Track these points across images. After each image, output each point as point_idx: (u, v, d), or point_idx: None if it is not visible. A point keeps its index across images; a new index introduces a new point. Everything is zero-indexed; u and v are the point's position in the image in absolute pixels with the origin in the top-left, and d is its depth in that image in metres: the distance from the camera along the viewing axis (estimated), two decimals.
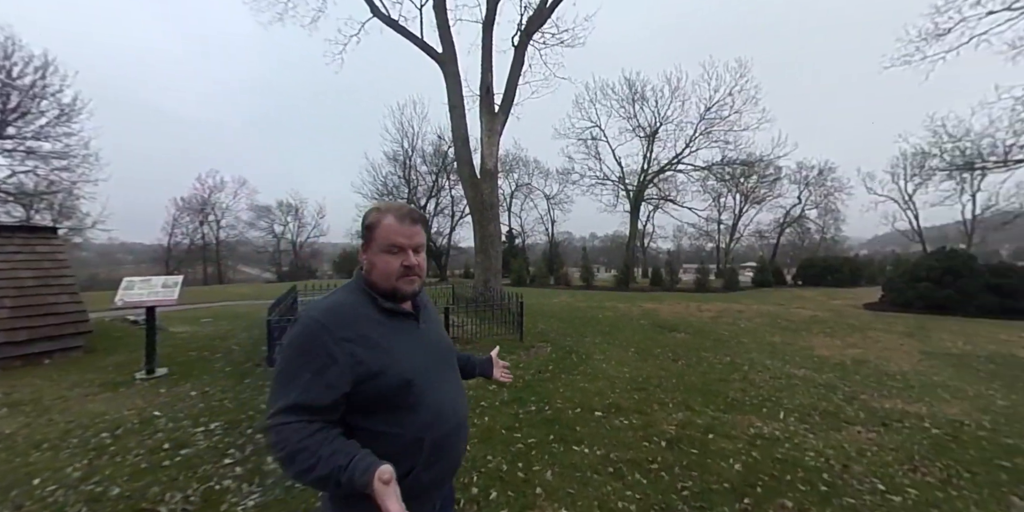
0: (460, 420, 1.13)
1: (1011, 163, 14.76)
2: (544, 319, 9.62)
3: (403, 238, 1.04)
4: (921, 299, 11.82)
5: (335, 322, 0.99)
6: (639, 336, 7.80)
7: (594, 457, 2.97)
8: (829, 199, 33.54)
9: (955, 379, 5.32)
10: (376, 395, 0.99)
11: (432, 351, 1.14)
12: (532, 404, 4.01)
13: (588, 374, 5.14)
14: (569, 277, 25.56)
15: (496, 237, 10.49)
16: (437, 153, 31.89)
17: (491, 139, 10.38)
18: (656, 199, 30.45)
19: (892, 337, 8.05)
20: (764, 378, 5.15)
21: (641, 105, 27.30)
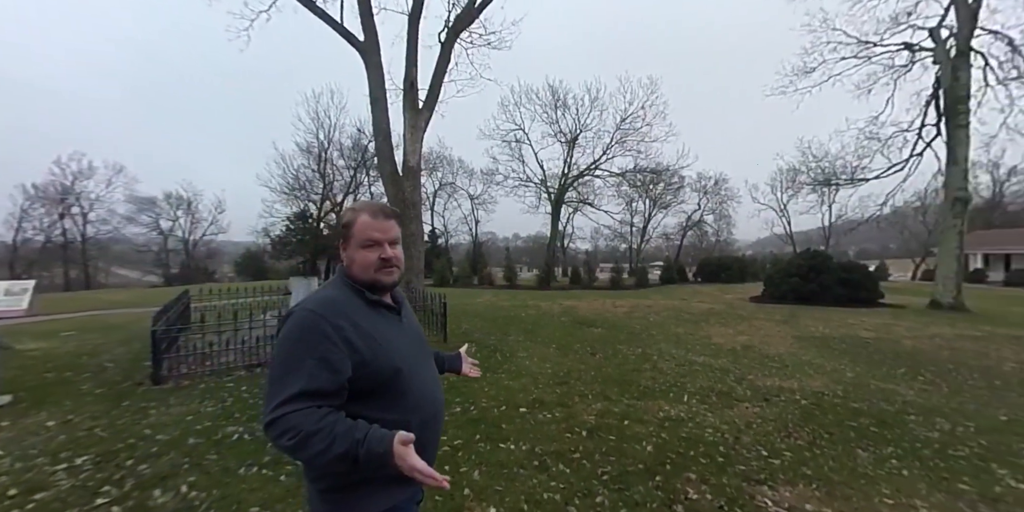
0: (439, 405, 1.22)
1: (856, 181, 18.19)
2: (468, 319, 9.58)
3: (378, 233, 1.11)
4: (792, 292, 13.82)
5: (329, 312, 1.03)
6: (560, 332, 8.10)
7: (520, 453, 3.02)
8: (723, 206, 37.91)
9: (818, 358, 6.29)
10: (370, 382, 1.03)
11: (413, 342, 1.22)
12: (457, 405, 3.97)
13: (512, 372, 5.22)
14: (493, 277, 25.78)
15: (418, 236, 10.23)
16: (356, 147, 30.23)
17: (414, 135, 10.10)
18: (576, 202, 31.92)
19: (771, 325, 9.30)
20: (671, 366, 5.64)
21: (563, 112, 28.50)
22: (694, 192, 37.36)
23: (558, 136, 29.07)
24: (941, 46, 13.66)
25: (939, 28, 13.90)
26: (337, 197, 30.66)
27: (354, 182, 30.79)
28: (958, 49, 13.00)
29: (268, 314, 6.75)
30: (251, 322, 5.36)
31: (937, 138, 14.09)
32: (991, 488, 2.69)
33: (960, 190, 12.89)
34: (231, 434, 3.31)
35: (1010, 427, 3.71)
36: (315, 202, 29.45)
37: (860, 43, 15.36)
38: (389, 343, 1.09)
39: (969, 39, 12.92)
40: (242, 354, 5.23)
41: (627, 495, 2.51)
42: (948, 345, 7.26)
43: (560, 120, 28.66)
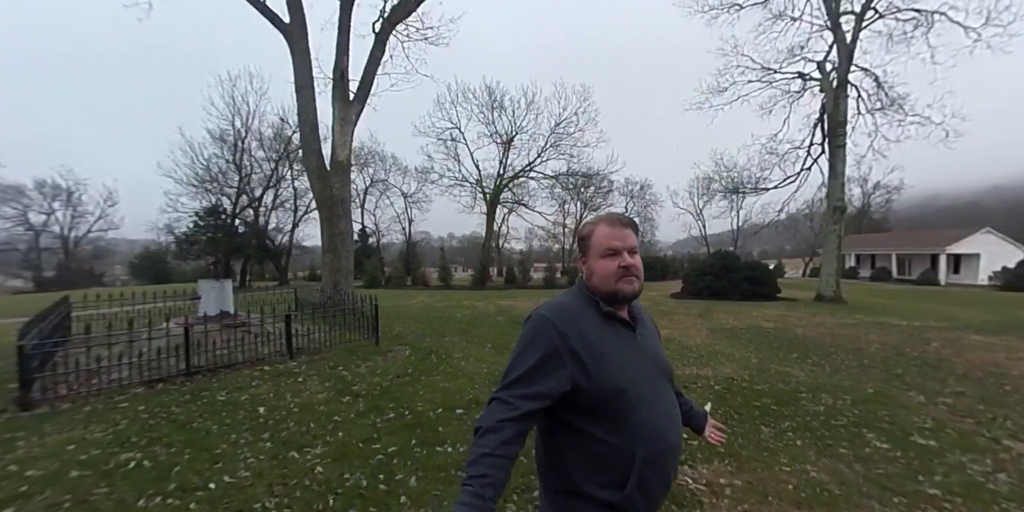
0: (673, 442, 1.08)
1: (759, 190, 20.50)
2: (402, 321, 9.30)
3: (617, 241, 1.08)
4: (707, 289, 15.15)
5: (560, 319, 1.04)
6: (496, 332, 8.15)
7: (458, 455, 2.99)
8: (647, 210, 40.71)
9: (729, 347, 6.94)
10: (590, 398, 1.00)
11: (647, 364, 1.11)
12: (391, 411, 3.83)
13: (448, 373, 5.15)
14: (427, 277, 25.27)
15: (347, 235, 9.73)
16: (279, 138, 27.90)
17: (344, 128, 9.60)
18: (511, 203, 32.31)
19: (689, 319, 10.11)
20: None
21: (499, 113, 28.67)
22: (622, 196, 39.68)
23: (494, 137, 29.25)
24: (826, 77, 15.82)
25: (825, 62, 16.10)
26: (255, 191, 28.07)
27: (275, 175, 28.40)
28: (838, 81, 15.15)
29: (172, 322, 6.03)
30: (151, 331, 4.74)
31: (822, 155, 16.24)
32: (863, 450, 3.15)
33: (839, 200, 15.07)
34: (127, 462, 2.88)
35: (876, 398, 4.38)
36: (229, 196, 26.62)
37: (763, 69, 17.33)
38: (615, 360, 1.03)
39: (847, 73, 15.09)
40: (139, 369, 4.60)
41: None
42: (830, 332, 8.39)
43: (496, 121, 28.85)
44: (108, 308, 8.28)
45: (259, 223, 28.26)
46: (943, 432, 3.52)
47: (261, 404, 3.96)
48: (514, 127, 28.69)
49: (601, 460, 1.00)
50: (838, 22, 15.18)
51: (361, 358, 5.76)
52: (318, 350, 6.08)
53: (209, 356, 5.06)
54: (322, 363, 5.48)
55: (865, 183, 41.33)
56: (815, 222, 37.95)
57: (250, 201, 27.72)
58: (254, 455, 2.95)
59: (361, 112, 10.09)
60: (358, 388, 4.47)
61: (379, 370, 5.23)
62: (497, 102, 28.35)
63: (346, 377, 4.89)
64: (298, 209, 30.79)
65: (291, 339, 5.78)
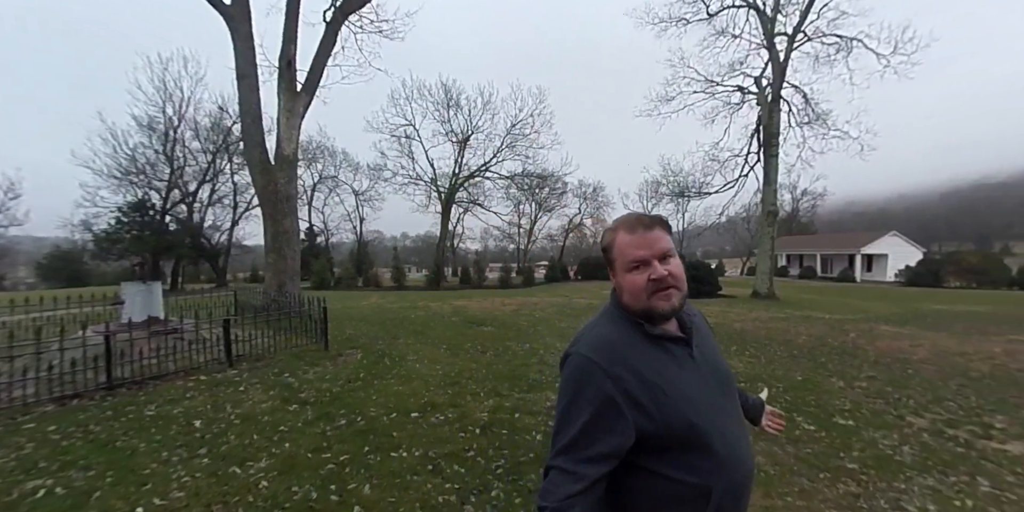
0: (749, 468, 0.93)
1: (703, 194, 21.89)
2: (353, 323, 8.97)
3: (641, 249, 0.90)
4: None
5: (605, 358, 0.87)
6: (450, 333, 8.07)
7: (413, 459, 2.93)
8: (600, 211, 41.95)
9: None
10: (660, 441, 0.86)
11: (712, 383, 0.95)
12: (342, 418, 3.68)
13: (402, 376, 5.03)
14: (379, 278, 24.57)
15: (293, 234, 9.25)
16: (217, 128, 25.88)
17: (290, 121, 9.11)
18: (466, 202, 32.16)
19: None
20: (556, 358, 5.96)
21: (455, 111, 28.45)
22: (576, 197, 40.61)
23: (449, 135, 28.98)
24: (762, 92, 17.11)
25: (761, 78, 17.45)
26: (189, 185, 25.87)
27: (213, 169, 26.34)
28: (772, 96, 16.44)
29: (90, 329, 5.44)
30: (63, 341, 4.24)
31: (758, 163, 17.51)
32: (794, 432, 3.44)
33: (772, 205, 16.35)
34: (34, 490, 2.55)
35: (804, 385, 4.78)
36: (159, 190, 24.29)
37: (707, 81, 18.49)
38: (680, 393, 0.88)
39: (779, 89, 16.42)
40: (49, 384, 4.11)
41: (520, 484, 2.61)
42: (764, 326, 9.06)
43: (452, 119, 28.62)
44: (10, 315, 7.33)
45: (193, 220, 26.15)
46: (859, 412, 3.92)
47: (197, 417, 3.67)
48: (470, 126, 28.61)
49: (673, 502, 0.88)
50: (773, 42, 16.52)
51: (309, 363, 5.50)
52: (261, 356, 5.72)
53: (135, 367, 4.60)
54: (266, 370, 5.17)
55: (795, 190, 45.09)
56: (751, 225, 40.88)
57: (183, 196, 25.57)
58: (189, 473, 2.73)
59: (309, 104, 9.62)
60: (306, 395, 4.27)
61: (329, 375, 5.01)
62: (453, 100, 28.14)
63: (292, 384, 4.64)
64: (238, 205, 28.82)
65: (230, 345, 5.40)
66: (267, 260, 9.14)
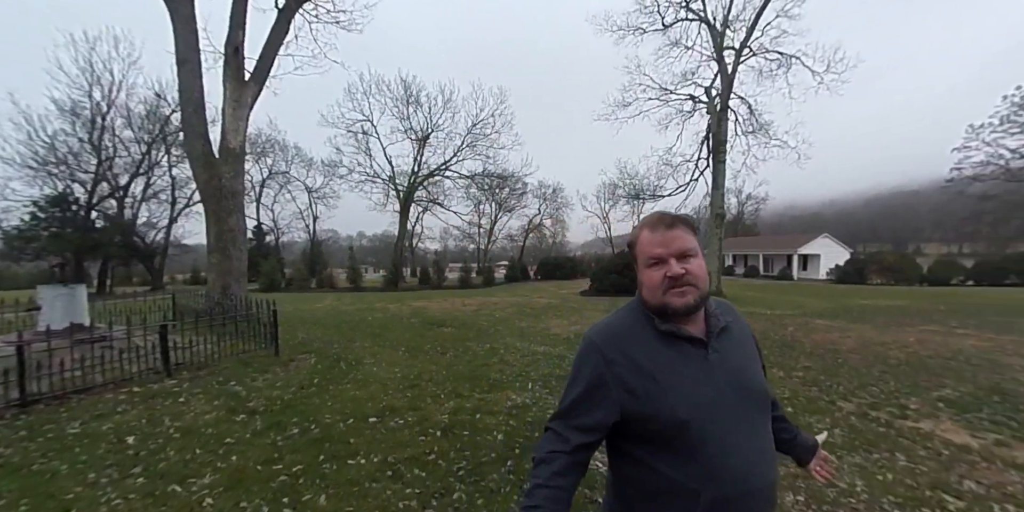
0: (759, 485, 0.88)
1: (657, 197, 22.83)
2: (306, 327, 8.60)
3: (660, 248, 0.93)
4: (613, 286, 16.33)
5: (607, 341, 0.96)
6: (409, 334, 7.92)
7: (371, 465, 2.85)
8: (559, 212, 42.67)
9: None
10: (646, 431, 0.91)
11: (726, 390, 0.91)
12: (294, 426, 3.52)
13: (359, 380, 4.88)
14: (334, 279, 23.71)
15: (239, 232, 8.72)
16: (153, 116, 23.85)
17: (237, 112, 8.58)
18: (425, 201, 31.65)
19: (597, 314, 10.79)
20: (516, 357, 6.05)
21: (415, 108, 27.90)
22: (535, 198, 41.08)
23: (408, 133, 28.40)
24: (711, 101, 18.08)
25: (711, 88, 18.44)
26: (119, 178, 23.71)
27: (148, 160, 24.26)
28: (721, 105, 17.40)
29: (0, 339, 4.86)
30: None
31: (707, 169, 18.45)
32: None
33: (719, 208, 17.32)
34: None
35: None
36: (83, 183, 21.99)
37: (661, 89, 19.31)
38: (675, 388, 0.89)
39: (727, 100, 17.42)
40: None
41: (483, 486, 2.60)
42: None
43: (412, 117, 28.06)
44: None
45: (124, 217, 24.01)
46: (797, 399, 4.22)
47: (130, 433, 3.37)
48: (430, 124, 28.18)
49: (661, 496, 0.90)
50: (722, 55, 17.52)
51: (258, 370, 5.21)
52: (203, 364, 5.35)
53: (55, 380, 4.17)
54: (209, 379, 4.84)
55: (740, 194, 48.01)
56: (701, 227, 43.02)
57: (112, 190, 23.42)
58: (121, 495, 2.51)
59: (258, 95, 9.10)
60: (254, 404, 4.04)
61: (279, 382, 4.77)
62: (413, 97, 27.61)
63: (239, 393, 4.38)
64: (177, 201, 26.79)
65: (168, 353, 5.01)
66: (210, 260, 8.55)
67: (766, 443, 0.95)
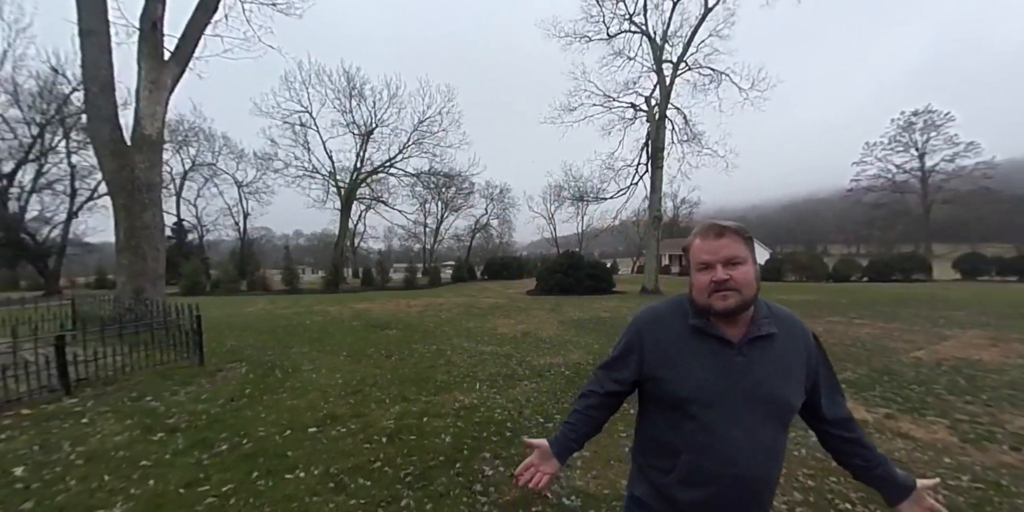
0: (744, 473, 0.99)
1: (599, 199, 23.73)
2: (235, 333, 7.98)
3: (707, 254, 1.02)
4: (558, 285, 16.71)
5: (645, 320, 1.15)
6: (351, 338, 7.61)
7: (312, 478, 2.69)
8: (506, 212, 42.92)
9: (576, 336, 7.76)
10: (654, 396, 1.12)
11: (738, 388, 1.00)
12: (223, 442, 3.24)
13: (296, 389, 4.61)
14: (268, 281, 22.19)
15: (155, 229, 7.89)
16: (48, 95, 20.70)
17: (154, 95, 7.75)
18: (368, 199, 30.49)
19: (543, 313, 11.00)
20: (463, 358, 6.01)
21: (359, 102, 26.76)
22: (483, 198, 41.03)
23: (351, 127, 27.21)
24: (651, 110, 19.07)
25: (651, 97, 19.43)
26: (3, 165, 20.47)
27: (41, 145, 21.08)
28: (659, 114, 18.43)
29: None
30: None
31: (646, 174, 19.44)
32: None
33: (657, 211, 18.32)
34: None
35: None
36: None
37: (605, 96, 20.09)
38: (688, 372, 1.04)
39: (665, 109, 18.48)
40: None
41: (431, 490, 2.56)
42: None
43: (355, 110, 26.89)
44: None
45: (8, 209, 20.81)
46: None
47: (16, 463, 2.92)
48: (374, 119, 27.18)
49: (657, 447, 1.12)
50: (661, 67, 18.58)
51: (179, 383, 4.75)
52: (112, 379, 4.78)
53: None
54: (119, 395, 4.33)
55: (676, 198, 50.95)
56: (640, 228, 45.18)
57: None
58: None
59: (180, 77, 8.27)
60: (175, 421, 3.67)
61: (205, 395, 4.38)
62: (357, 90, 26.47)
63: (157, 409, 3.96)
64: (78, 193, 23.54)
65: (66, 368, 4.41)
66: (120, 261, 7.64)
67: (769, 444, 1.01)
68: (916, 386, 4.60)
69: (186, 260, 22.42)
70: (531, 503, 2.42)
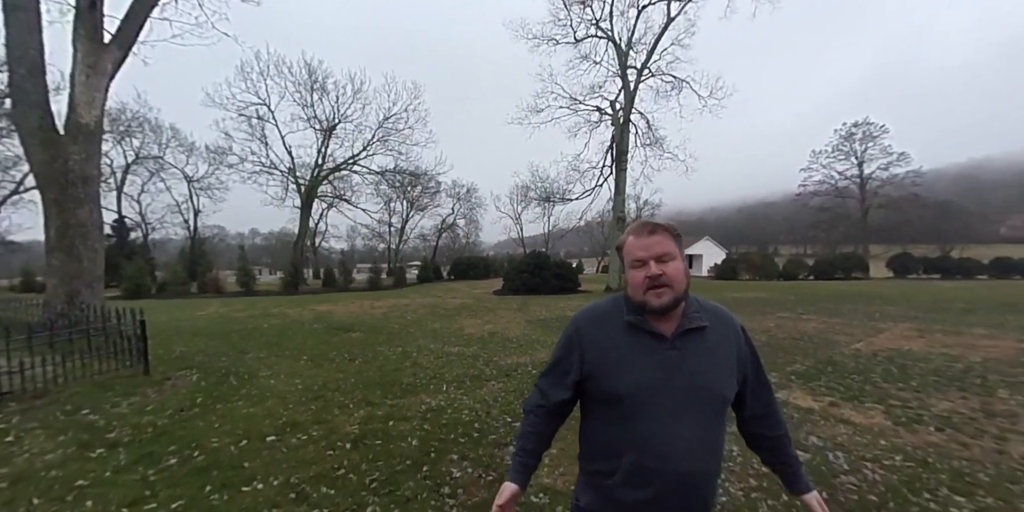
0: (685, 468, 1.00)
1: (566, 200, 24.17)
2: (185, 339, 7.53)
3: (641, 251, 1.04)
4: (524, 285, 16.80)
5: (584, 317, 1.15)
6: (312, 341, 7.35)
7: (271, 490, 2.57)
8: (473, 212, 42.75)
9: (543, 336, 7.84)
10: (593, 395, 1.11)
11: (673, 381, 1.01)
12: (172, 455, 3.04)
13: (253, 396, 4.40)
14: (221, 283, 21.03)
15: (92, 227, 7.29)
16: None
17: (92, 81, 7.15)
18: (330, 197, 29.55)
19: (510, 313, 11.03)
20: (430, 359, 5.94)
21: (321, 96, 25.84)
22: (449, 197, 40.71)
23: (312, 122, 26.24)
24: (615, 114, 19.57)
25: (616, 102, 19.94)
26: None
27: None
28: (624, 118, 18.93)
29: None
30: None
31: (611, 176, 19.92)
32: None
33: (621, 212, 18.80)
34: None
35: None
36: None
37: (571, 99, 20.43)
38: (625, 368, 1.04)
39: (629, 113, 19.02)
40: None
41: (398, 495, 2.50)
42: None
43: (316, 104, 25.95)
44: None
45: None
46: None
47: None
48: (337, 114, 26.34)
49: (599, 450, 1.11)
50: (625, 73, 19.10)
51: (121, 394, 4.41)
52: (42, 392, 4.38)
53: None
54: (51, 409, 3.98)
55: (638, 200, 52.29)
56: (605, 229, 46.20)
57: None
58: None
59: (122, 62, 7.67)
60: (116, 435, 3.41)
61: (151, 406, 4.09)
62: (319, 84, 25.54)
63: (95, 423, 3.67)
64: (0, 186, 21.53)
65: None
66: (50, 262, 7.01)
67: (708, 437, 1.03)
68: (856, 375, 4.95)
69: (128, 261, 20.87)
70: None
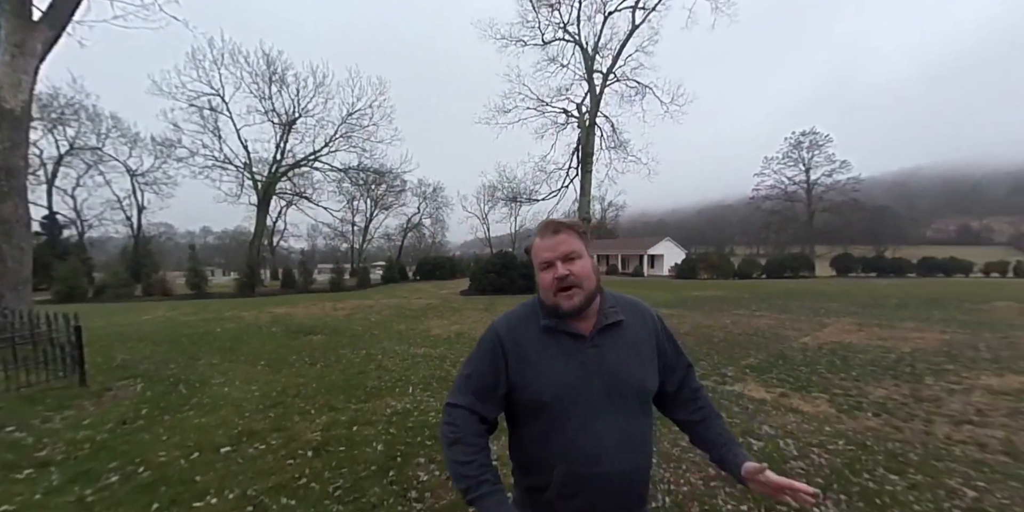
0: (617, 468, 0.97)
1: (532, 200, 24.42)
2: (128, 345, 7.02)
3: (547, 252, 1.02)
4: (491, 285, 16.80)
5: (504, 324, 1.09)
6: (270, 345, 7.05)
7: (225, 504, 2.44)
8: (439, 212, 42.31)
9: None
10: (519, 407, 1.04)
11: (595, 379, 0.99)
12: (114, 472, 2.82)
13: (205, 405, 4.16)
14: (169, 285, 19.77)
15: (18, 224, 6.66)
16: None
17: (17, 61, 6.53)
18: (290, 194, 28.39)
19: (476, 313, 10.99)
20: (395, 362, 5.83)
21: (280, 88, 24.80)
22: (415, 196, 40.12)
23: (270, 115, 25.13)
24: (582, 117, 19.96)
25: (582, 105, 20.33)
26: None
27: None
28: (590, 121, 19.32)
29: None
30: None
31: (577, 177, 20.24)
32: None
33: (586, 213, 19.19)
34: None
35: None
36: None
37: (538, 101, 20.70)
38: (547, 373, 1.00)
39: (595, 116, 19.44)
40: None
41: (363, 502, 2.44)
42: None
43: (275, 97, 24.87)
44: None
45: None
46: None
47: None
48: (298, 108, 25.38)
49: (529, 465, 1.05)
50: (592, 76, 19.54)
51: (53, 407, 4.06)
52: None
53: None
54: None
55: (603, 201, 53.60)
56: None
57: None
58: None
59: (54, 42, 7.02)
60: (48, 453, 3.13)
61: (88, 420, 3.78)
62: (278, 75, 24.50)
63: (22, 441, 3.35)
64: None
65: None
66: None
67: (634, 433, 1.01)
68: (804, 367, 5.28)
69: (61, 261, 19.23)
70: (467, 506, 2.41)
